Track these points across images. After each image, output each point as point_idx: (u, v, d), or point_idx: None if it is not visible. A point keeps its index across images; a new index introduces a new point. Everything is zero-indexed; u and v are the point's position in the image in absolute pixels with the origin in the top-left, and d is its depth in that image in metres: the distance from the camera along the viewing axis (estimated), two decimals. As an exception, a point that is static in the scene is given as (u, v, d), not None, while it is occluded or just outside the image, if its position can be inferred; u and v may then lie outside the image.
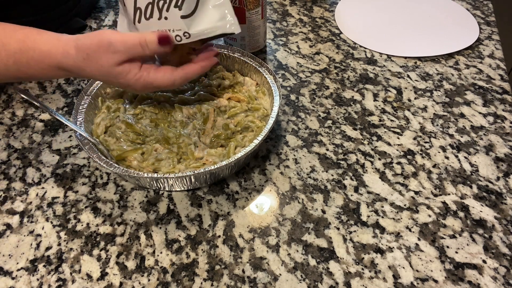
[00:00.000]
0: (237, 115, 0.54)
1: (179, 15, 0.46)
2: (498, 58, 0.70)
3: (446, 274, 0.42)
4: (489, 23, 0.78)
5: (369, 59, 0.70)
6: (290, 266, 0.43)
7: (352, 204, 0.48)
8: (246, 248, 0.44)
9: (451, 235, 0.45)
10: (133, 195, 0.50)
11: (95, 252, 0.44)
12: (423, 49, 0.71)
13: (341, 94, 0.63)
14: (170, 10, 0.46)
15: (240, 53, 0.60)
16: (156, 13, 0.46)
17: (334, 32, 0.77)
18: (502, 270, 0.42)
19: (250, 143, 0.48)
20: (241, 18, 0.64)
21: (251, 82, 0.59)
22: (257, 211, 0.48)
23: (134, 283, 0.42)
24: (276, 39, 0.75)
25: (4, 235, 0.46)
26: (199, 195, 0.49)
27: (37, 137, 0.57)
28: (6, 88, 0.65)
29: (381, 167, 0.53)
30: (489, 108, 0.61)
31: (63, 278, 0.42)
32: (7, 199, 0.49)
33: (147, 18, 0.47)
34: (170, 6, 0.46)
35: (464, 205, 0.48)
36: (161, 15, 0.47)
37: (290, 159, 0.54)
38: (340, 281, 0.41)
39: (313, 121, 0.59)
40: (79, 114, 0.51)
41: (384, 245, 0.44)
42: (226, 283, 0.41)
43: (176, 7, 0.45)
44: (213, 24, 0.47)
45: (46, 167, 0.53)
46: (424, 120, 0.59)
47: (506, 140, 0.56)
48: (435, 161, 0.53)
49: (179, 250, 0.44)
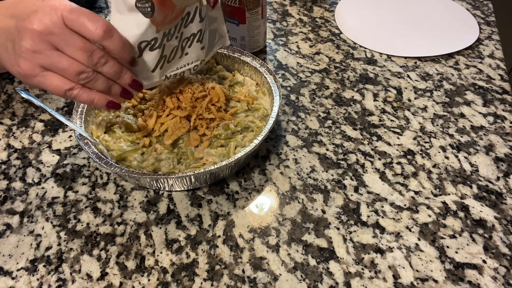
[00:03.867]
0: (237, 115, 0.54)
1: (200, 47, 0.49)
2: (498, 58, 0.70)
3: (446, 274, 0.42)
4: (489, 23, 0.78)
5: (369, 59, 0.70)
6: (290, 266, 0.43)
7: (352, 204, 0.48)
8: (246, 248, 0.44)
9: (451, 235, 0.45)
10: (133, 195, 0.50)
11: (95, 252, 0.44)
12: (423, 49, 0.71)
13: (341, 94, 0.63)
14: (192, 46, 0.48)
15: (240, 53, 0.60)
16: (179, 53, 0.47)
17: (334, 32, 0.77)
18: (502, 270, 0.42)
19: (250, 143, 0.48)
20: (241, 18, 0.65)
21: (251, 82, 0.59)
22: (257, 211, 0.48)
23: (134, 283, 0.42)
24: (276, 39, 0.75)
25: (4, 235, 0.46)
26: (199, 195, 0.49)
27: (37, 137, 0.57)
28: (6, 88, 0.65)
29: (381, 167, 0.53)
30: (489, 108, 0.61)
31: (63, 278, 0.42)
32: (7, 199, 0.49)
33: (169, 61, 0.47)
34: (192, 42, 0.48)
35: (464, 205, 0.48)
36: (183, 52, 0.48)
37: (290, 159, 0.54)
38: (340, 281, 0.41)
39: (313, 121, 0.59)
40: (79, 114, 0.51)
41: (384, 245, 0.44)
42: (226, 283, 0.41)
43: (198, 41, 0.48)
44: (218, 43, 0.54)
45: (46, 167, 0.53)
46: (424, 120, 0.59)
47: (506, 140, 0.56)
48: (435, 161, 0.53)
49: (179, 250, 0.44)
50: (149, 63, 0.44)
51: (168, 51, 0.45)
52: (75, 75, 0.38)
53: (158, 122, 0.51)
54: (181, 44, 0.46)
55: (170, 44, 0.45)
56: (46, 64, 0.37)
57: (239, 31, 0.67)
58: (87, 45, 0.37)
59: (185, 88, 0.53)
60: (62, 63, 0.37)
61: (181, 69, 0.49)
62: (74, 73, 0.37)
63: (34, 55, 0.36)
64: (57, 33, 0.36)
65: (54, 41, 0.36)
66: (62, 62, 0.37)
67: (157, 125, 0.51)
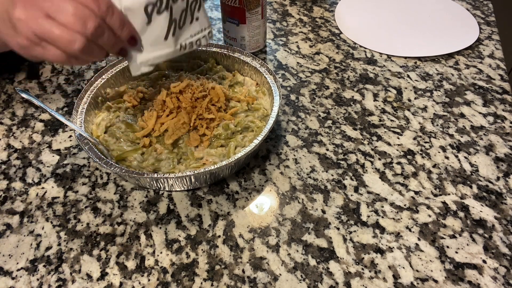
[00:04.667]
0: (237, 115, 0.54)
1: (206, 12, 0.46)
2: (498, 58, 0.70)
3: (446, 274, 0.42)
4: (489, 23, 0.78)
5: (369, 59, 0.70)
6: (290, 266, 0.43)
7: (352, 204, 0.48)
8: (246, 248, 0.44)
9: (451, 235, 0.45)
10: (133, 195, 0.50)
11: (95, 252, 0.44)
12: (423, 49, 0.71)
13: (341, 94, 0.63)
14: (201, 9, 0.46)
15: (240, 53, 0.60)
16: (189, 17, 0.46)
17: (334, 32, 0.77)
18: (502, 270, 0.42)
19: (250, 143, 0.48)
20: (241, 18, 0.65)
21: (251, 82, 0.59)
22: (257, 211, 0.48)
23: (134, 283, 0.42)
24: (276, 39, 0.75)
25: (4, 235, 0.46)
26: (199, 195, 0.49)
27: (37, 137, 0.57)
28: (6, 88, 0.65)
29: (381, 167, 0.53)
30: (489, 108, 0.61)
31: (63, 278, 0.42)
32: (7, 199, 0.49)
33: (180, 27, 0.46)
34: (201, 5, 0.46)
35: (464, 205, 0.48)
36: (193, 17, 0.46)
37: (290, 159, 0.54)
38: (340, 281, 0.41)
39: (313, 121, 0.59)
40: (79, 114, 0.51)
41: (384, 245, 0.44)
42: (226, 283, 0.41)
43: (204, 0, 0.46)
44: None
45: (46, 167, 0.53)
46: (424, 120, 0.59)
47: (506, 140, 0.56)
48: (435, 161, 0.53)
49: (179, 250, 0.44)
50: (160, 29, 0.43)
51: (177, 14, 0.44)
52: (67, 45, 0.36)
53: (158, 122, 0.51)
54: (190, 6, 0.45)
55: (178, 5, 0.44)
56: (39, 32, 0.35)
57: (239, 31, 0.67)
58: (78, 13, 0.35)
59: (185, 88, 0.53)
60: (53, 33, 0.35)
61: (195, 37, 0.48)
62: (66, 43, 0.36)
63: (27, 23, 0.34)
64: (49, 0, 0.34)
65: (46, 7, 0.34)
66: (54, 32, 0.35)
67: (157, 125, 0.51)
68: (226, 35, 0.69)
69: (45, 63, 0.70)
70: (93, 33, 0.36)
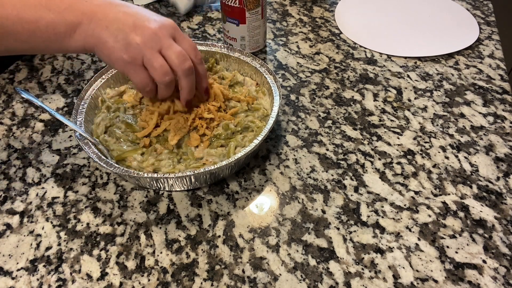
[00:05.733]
0: (237, 115, 0.54)
1: None
2: (498, 58, 0.70)
3: (446, 274, 0.42)
4: (489, 23, 0.78)
5: (369, 59, 0.70)
6: (290, 266, 0.43)
7: (352, 204, 0.48)
8: (246, 248, 0.44)
9: (451, 235, 0.45)
10: (133, 195, 0.50)
11: (95, 252, 0.44)
12: (423, 49, 0.71)
13: (341, 94, 0.63)
14: None
15: (240, 53, 0.60)
16: None
17: (334, 32, 0.77)
18: (502, 270, 0.42)
19: (250, 143, 0.48)
20: (241, 18, 0.65)
21: (251, 82, 0.59)
22: (257, 211, 0.48)
23: (134, 283, 0.42)
24: (276, 39, 0.75)
25: (4, 235, 0.46)
26: (199, 195, 0.49)
27: (37, 137, 0.57)
28: (6, 88, 0.65)
29: (381, 167, 0.53)
30: (489, 108, 0.61)
31: (63, 278, 0.42)
32: (7, 199, 0.49)
33: None
34: None
35: (464, 205, 0.48)
36: None
37: (290, 159, 0.54)
38: (340, 281, 0.41)
39: (313, 121, 0.59)
40: (79, 114, 0.51)
41: (384, 245, 0.44)
42: (226, 283, 0.41)
43: None
44: None
45: (46, 167, 0.53)
46: (424, 120, 0.59)
47: (506, 140, 0.56)
48: (435, 161, 0.53)
49: (179, 250, 0.44)
50: None
51: None
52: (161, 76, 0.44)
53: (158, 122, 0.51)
54: None
55: None
56: (145, 59, 0.43)
57: (239, 31, 0.67)
58: (183, 54, 0.44)
59: None
60: (157, 62, 0.43)
61: None
62: (161, 73, 0.43)
63: (141, 48, 0.42)
64: (165, 38, 0.43)
65: (161, 43, 0.43)
66: (158, 61, 0.43)
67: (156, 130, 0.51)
68: (226, 35, 0.69)
69: (45, 63, 0.70)
70: (185, 72, 0.45)
